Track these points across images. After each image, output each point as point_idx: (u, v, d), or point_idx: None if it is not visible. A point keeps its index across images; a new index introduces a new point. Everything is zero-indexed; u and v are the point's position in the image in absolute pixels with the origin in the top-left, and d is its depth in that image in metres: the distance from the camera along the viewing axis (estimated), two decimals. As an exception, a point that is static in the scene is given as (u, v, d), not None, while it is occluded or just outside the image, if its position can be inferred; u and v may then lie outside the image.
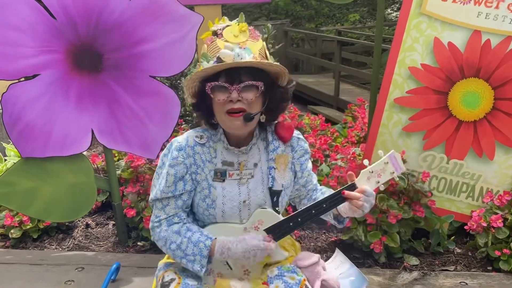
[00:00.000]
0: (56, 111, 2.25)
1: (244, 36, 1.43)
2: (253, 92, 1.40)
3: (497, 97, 2.42)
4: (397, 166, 1.48)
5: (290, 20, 13.88)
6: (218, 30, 1.44)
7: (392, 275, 2.28)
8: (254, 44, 1.43)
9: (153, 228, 1.52)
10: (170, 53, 2.30)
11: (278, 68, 1.43)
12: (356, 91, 8.61)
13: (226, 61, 1.36)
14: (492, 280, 2.23)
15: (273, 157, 1.54)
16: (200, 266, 1.44)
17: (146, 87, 2.35)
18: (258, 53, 1.42)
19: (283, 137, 1.55)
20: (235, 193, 1.50)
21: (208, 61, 1.41)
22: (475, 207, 2.54)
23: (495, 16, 2.33)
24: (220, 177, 1.50)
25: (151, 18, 2.24)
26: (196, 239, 1.45)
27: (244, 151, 1.51)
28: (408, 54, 2.44)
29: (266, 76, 1.44)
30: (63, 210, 2.46)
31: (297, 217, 1.46)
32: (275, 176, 1.54)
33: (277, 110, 1.53)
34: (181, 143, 1.50)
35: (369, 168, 1.47)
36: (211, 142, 1.53)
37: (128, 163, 2.85)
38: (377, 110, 2.55)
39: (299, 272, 1.53)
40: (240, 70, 1.38)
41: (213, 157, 1.51)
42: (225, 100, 1.38)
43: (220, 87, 1.39)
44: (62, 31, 2.18)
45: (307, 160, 1.64)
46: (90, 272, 2.32)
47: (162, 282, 1.51)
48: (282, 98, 1.51)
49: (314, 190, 1.69)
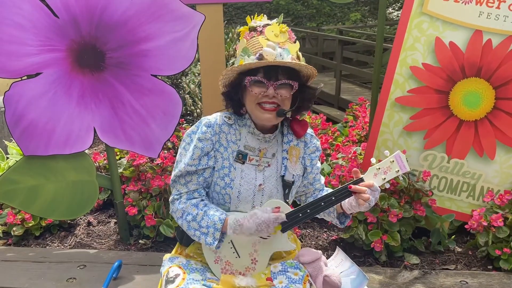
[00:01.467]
0: (59, 110, 2.26)
1: (284, 36, 1.51)
2: (288, 90, 1.49)
3: (498, 97, 2.43)
4: (402, 165, 1.56)
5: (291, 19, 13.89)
6: (258, 27, 1.52)
7: (392, 273, 2.29)
8: (292, 45, 1.51)
9: (173, 201, 1.58)
10: (172, 51, 2.31)
11: (311, 70, 1.53)
12: (357, 90, 8.63)
13: (268, 59, 1.43)
14: (492, 279, 2.23)
15: (286, 148, 1.63)
16: (213, 239, 1.48)
17: (148, 85, 2.36)
18: (295, 55, 1.51)
19: (297, 132, 1.64)
20: (252, 176, 1.58)
21: (249, 55, 1.48)
22: (476, 207, 2.54)
23: (497, 16, 2.33)
24: (241, 159, 1.57)
25: (153, 16, 2.25)
26: (212, 213, 1.51)
27: (268, 138, 1.59)
28: (410, 54, 2.44)
29: (299, 76, 1.54)
30: (65, 208, 2.47)
31: (307, 208, 1.53)
32: (288, 166, 1.61)
33: (304, 108, 1.63)
34: (211, 120, 1.58)
35: (376, 165, 1.56)
36: (237, 125, 1.61)
37: (129, 162, 2.86)
38: (378, 109, 2.55)
39: (302, 268, 1.56)
40: (278, 68, 1.47)
41: (238, 139, 1.59)
42: (262, 94, 1.47)
43: (259, 82, 1.47)
44: (65, 30, 2.19)
45: (317, 157, 1.72)
46: (92, 269, 2.33)
47: (167, 277, 1.52)
48: (309, 98, 1.61)
49: (320, 190, 1.76)
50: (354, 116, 4.31)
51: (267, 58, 1.43)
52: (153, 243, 2.62)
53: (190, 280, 1.49)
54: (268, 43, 1.46)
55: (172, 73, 2.42)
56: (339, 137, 3.73)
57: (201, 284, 1.48)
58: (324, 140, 3.42)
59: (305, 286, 1.49)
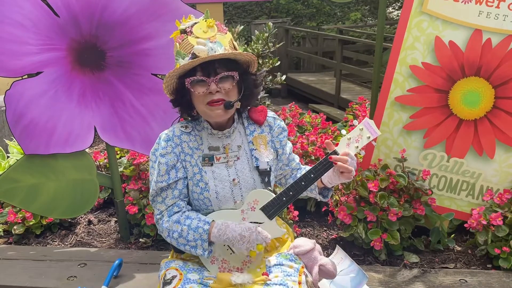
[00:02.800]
0: (59, 108, 2.27)
1: (213, 31, 1.52)
2: (229, 81, 1.51)
3: (498, 96, 2.43)
4: (372, 131, 1.60)
5: (291, 18, 13.88)
6: (187, 28, 1.53)
7: (392, 272, 2.29)
8: (223, 37, 1.52)
9: (157, 221, 1.60)
10: (172, 51, 2.31)
11: (248, 57, 1.54)
12: (357, 90, 8.63)
13: (201, 56, 1.44)
14: (491, 277, 2.24)
15: (250, 140, 1.66)
16: (203, 250, 1.51)
17: (149, 84, 2.36)
18: (228, 45, 1.52)
19: (256, 120, 1.68)
20: (224, 174, 1.59)
21: (183, 57, 1.50)
22: (475, 205, 2.55)
23: (496, 15, 2.34)
24: (208, 162, 1.59)
25: (153, 16, 2.26)
26: (195, 226, 1.52)
27: (227, 134, 1.61)
28: (409, 53, 2.45)
29: (238, 65, 1.55)
30: (65, 206, 2.48)
31: (289, 191, 1.56)
32: (258, 156, 1.64)
33: (251, 96, 1.64)
34: (168, 134, 1.61)
35: (346, 136, 1.61)
36: (196, 131, 1.63)
37: (130, 160, 2.87)
38: (378, 108, 2.56)
39: (297, 260, 1.58)
40: (214, 63, 1.48)
41: (200, 144, 1.61)
42: (205, 93, 1.49)
43: (199, 81, 1.49)
44: (65, 29, 2.20)
45: (285, 137, 1.75)
46: (92, 268, 2.34)
47: (164, 280, 1.54)
48: (255, 84, 1.63)
49: (298, 169, 1.80)
50: (354, 115, 4.31)
51: (200, 55, 1.44)
52: (154, 242, 2.63)
53: (186, 280, 1.51)
54: (198, 41, 1.47)
55: (172, 72, 2.42)
56: (339, 136, 3.74)
57: (197, 283, 1.50)
58: (324, 139, 3.42)
59: (300, 278, 1.51)
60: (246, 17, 13.94)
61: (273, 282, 1.47)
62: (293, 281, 1.48)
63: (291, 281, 1.47)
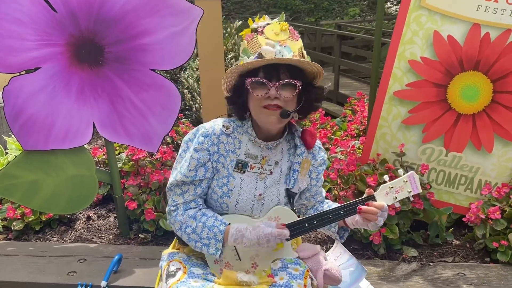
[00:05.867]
0: (58, 104, 2.27)
1: (285, 34, 1.46)
2: (291, 90, 1.43)
3: (496, 90, 2.43)
4: (415, 186, 1.55)
5: (289, 14, 13.86)
6: (259, 28, 1.48)
7: (391, 266, 2.30)
8: (294, 43, 1.46)
9: (170, 212, 1.56)
10: (170, 46, 2.31)
11: (316, 68, 1.45)
12: (356, 85, 8.63)
13: (267, 57, 1.38)
14: (489, 271, 2.25)
15: (299, 161, 1.58)
16: (215, 249, 1.48)
17: (147, 80, 2.36)
18: (297, 52, 1.46)
19: (309, 143, 1.60)
20: (252, 186, 1.54)
21: (249, 56, 1.44)
22: (474, 199, 2.56)
23: (494, 9, 2.33)
24: (241, 168, 1.53)
25: (151, 11, 2.25)
26: (211, 224, 1.48)
27: (270, 146, 1.54)
28: (408, 47, 2.45)
29: (303, 75, 1.47)
30: (65, 202, 2.48)
31: (314, 219, 1.50)
32: (298, 179, 1.57)
33: (310, 109, 1.56)
34: (208, 130, 1.54)
35: (388, 184, 1.54)
36: (237, 133, 1.56)
37: (129, 156, 2.87)
38: (377, 103, 2.56)
39: (302, 264, 1.56)
40: (279, 67, 1.41)
41: (237, 148, 1.55)
42: (263, 96, 1.42)
43: (259, 83, 1.42)
44: (63, 24, 2.19)
45: (323, 170, 1.69)
46: (92, 263, 2.34)
47: (167, 271, 1.53)
48: (317, 99, 1.54)
49: (321, 202, 1.73)
50: (352, 111, 4.32)
51: (266, 56, 1.39)
52: (153, 237, 2.63)
53: (191, 274, 1.49)
54: (267, 41, 1.43)
55: (170, 67, 2.42)
56: (338, 131, 3.74)
57: (202, 278, 1.49)
58: (323, 134, 3.43)
59: (306, 281, 1.49)
60: (244, 12, 13.91)
61: (278, 284, 1.45)
62: (299, 283, 1.46)
63: (296, 283, 1.46)
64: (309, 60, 1.47)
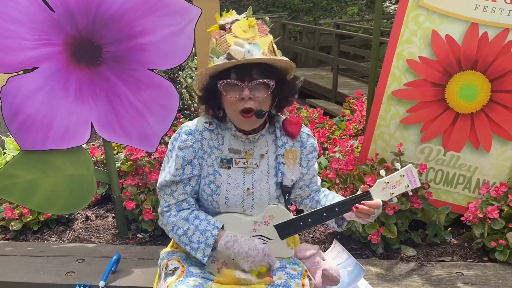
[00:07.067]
0: (56, 104, 2.26)
1: (253, 31, 1.43)
2: (264, 90, 1.41)
3: (494, 90, 2.43)
4: (413, 180, 1.51)
5: (288, 13, 13.86)
6: (227, 24, 1.45)
7: (389, 265, 2.31)
8: (263, 39, 1.43)
9: (162, 212, 1.55)
10: (169, 46, 2.30)
11: (287, 63, 1.43)
12: (354, 84, 8.63)
13: (236, 58, 1.35)
14: (488, 270, 2.26)
15: (281, 153, 1.55)
16: (203, 255, 1.46)
17: (145, 80, 2.35)
18: (267, 49, 1.42)
19: (291, 133, 1.57)
20: (239, 181, 1.52)
21: (218, 56, 1.41)
22: (472, 199, 2.56)
23: (493, 8, 2.34)
24: (226, 164, 1.52)
25: (149, 10, 2.24)
26: (203, 228, 1.47)
27: (251, 139, 1.53)
28: (406, 47, 2.45)
29: (275, 71, 1.44)
30: (63, 202, 2.47)
31: (308, 218, 1.49)
32: (285, 171, 1.55)
33: (285, 104, 1.55)
34: (191, 127, 1.54)
35: (385, 179, 1.50)
36: (219, 129, 1.55)
37: (127, 156, 2.86)
38: (375, 102, 2.56)
39: (300, 263, 1.56)
40: (251, 67, 1.38)
41: (220, 144, 1.54)
42: (237, 98, 1.39)
43: (232, 85, 1.40)
44: (61, 24, 2.18)
45: (314, 157, 1.65)
46: (90, 263, 2.34)
47: (166, 270, 1.53)
48: (291, 92, 1.53)
49: (317, 191, 1.70)
50: (351, 110, 4.32)
51: (236, 57, 1.35)
52: (151, 237, 2.63)
53: (189, 273, 1.49)
54: (235, 41, 1.39)
55: (169, 67, 2.41)
56: (336, 130, 3.75)
57: (200, 276, 1.48)
58: (321, 134, 3.43)
59: (304, 281, 1.49)
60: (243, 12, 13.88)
61: (277, 284, 1.45)
62: (297, 283, 1.46)
63: (294, 283, 1.45)
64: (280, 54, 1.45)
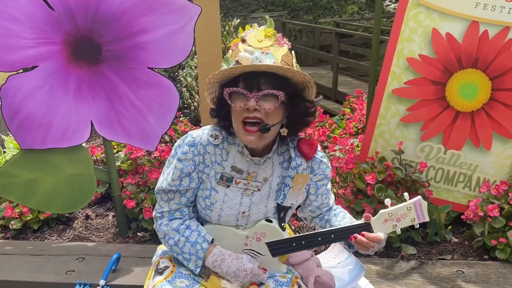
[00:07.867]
0: (56, 103, 2.26)
1: (269, 41, 1.35)
2: (272, 101, 1.30)
3: (495, 88, 2.43)
4: (421, 214, 1.35)
5: (288, 12, 13.86)
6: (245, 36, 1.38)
7: (389, 264, 2.31)
8: (277, 49, 1.34)
9: (156, 218, 1.54)
10: (168, 44, 2.30)
11: (302, 77, 1.31)
12: (354, 83, 8.64)
13: (243, 63, 1.28)
14: (488, 268, 2.26)
15: (292, 175, 1.46)
16: (195, 266, 1.45)
17: (145, 78, 2.35)
18: (281, 59, 1.32)
19: (306, 154, 1.46)
20: (236, 202, 1.46)
21: (229, 64, 1.36)
22: (472, 197, 2.56)
23: (493, 6, 2.33)
24: (225, 182, 1.45)
25: (149, 9, 2.24)
26: (194, 240, 1.45)
27: (256, 161, 1.44)
28: (406, 45, 2.44)
29: (289, 86, 1.34)
30: (63, 201, 2.47)
31: (302, 240, 1.41)
32: (287, 195, 1.47)
33: (300, 124, 1.43)
34: (195, 139, 1.45)
35: (389, 210, 1.35)
36: (226, 143, 1.46)
37: (127, 155, 2.86)
38: (375, 101, 2.56)
39: (291, 270, 1.53)
40: (260, 77, 1.29)
41: (224, 160, 1.45)
42: (242, 108, 1.30)
43: (238, 94, 1.31)
44: (60, 22, 2.18)
45: (324, 185, 1.56)
46: (90, 262, 2.34)
47: (156, 268, 1.53)
48: (307, 112, 1.40)
49: (328, 210, 1.62)
50: (351, 109, 4.32)
51: (242, 63, 1.27)
52: (151, 236, 2.63)
53: (178, 274, 1.48)
54: (246, 48, 1.31)
55: (168, 66, 2.41)
56: (336, 129, 3.74)
57: (190, 277, 1.47)
58: (321, 132, 3.43)
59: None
60: (242, 10, 13.88)
61: None
62: None
63: None
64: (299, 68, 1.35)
